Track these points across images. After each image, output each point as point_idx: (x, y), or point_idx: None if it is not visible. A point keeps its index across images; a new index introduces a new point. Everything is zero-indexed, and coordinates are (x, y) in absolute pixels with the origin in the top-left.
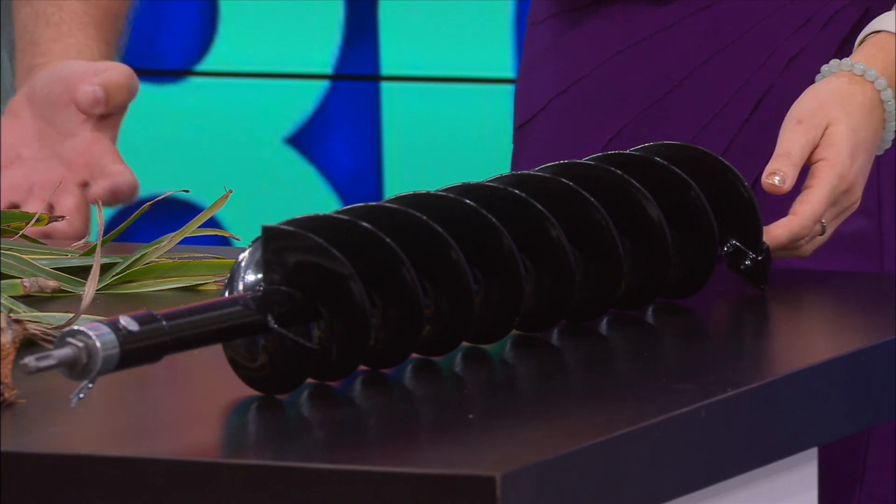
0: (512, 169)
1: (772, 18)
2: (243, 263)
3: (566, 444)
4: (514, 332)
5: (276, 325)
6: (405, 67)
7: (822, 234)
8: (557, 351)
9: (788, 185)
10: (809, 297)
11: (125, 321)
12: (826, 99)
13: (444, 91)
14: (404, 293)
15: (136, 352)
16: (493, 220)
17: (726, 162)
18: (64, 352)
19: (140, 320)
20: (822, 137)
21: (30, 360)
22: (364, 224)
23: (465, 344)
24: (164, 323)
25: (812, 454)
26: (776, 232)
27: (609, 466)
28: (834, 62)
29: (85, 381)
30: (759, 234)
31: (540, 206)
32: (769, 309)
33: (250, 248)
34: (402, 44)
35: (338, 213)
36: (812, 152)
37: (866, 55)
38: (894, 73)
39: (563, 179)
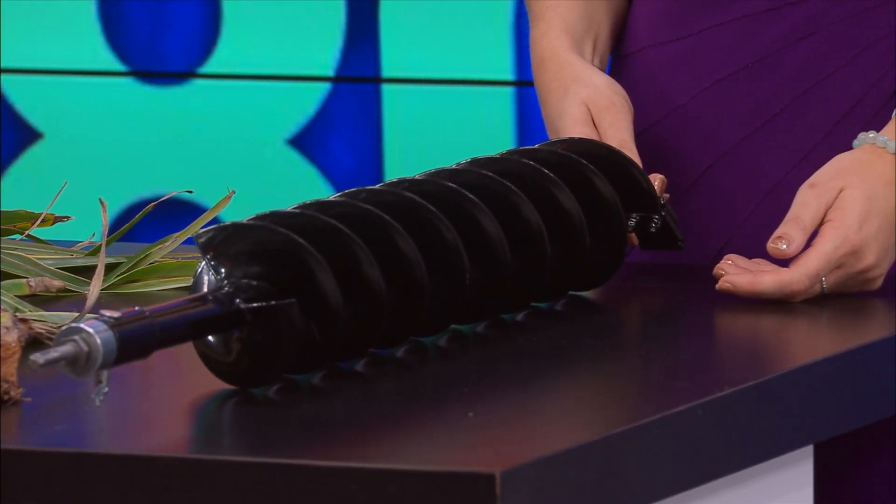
0: None
1: (875, 47)
2: (201, 271)
3: (565, 442)
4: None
5: (246, 305)
6: (406, 70)
7: (820, 293)
8: (557, 350)
9: (793, 249)
10: None
11: (113, 315)
12: (844, 166)
13: (445, 93)
14: (366, 284)
15: (129, 346)
16: (438, 213)
17: (618, 150)
18: (66, 348)
19: (129, 316)
20: (834, 201)
21: (37, 357)
22: (323, 217)
23: (461, 342)
24: (147, 313)
25: (808, 451)
26: (764, 281)
27: (607, 464)
28: (861, 135)
29: (102, 383)
30: (656, 200)
31: (477, 200)
32: (765, 307)
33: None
34: (402, 46)
35: (290, 210)
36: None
37: (892, 128)
38: None
39: (492, 174)
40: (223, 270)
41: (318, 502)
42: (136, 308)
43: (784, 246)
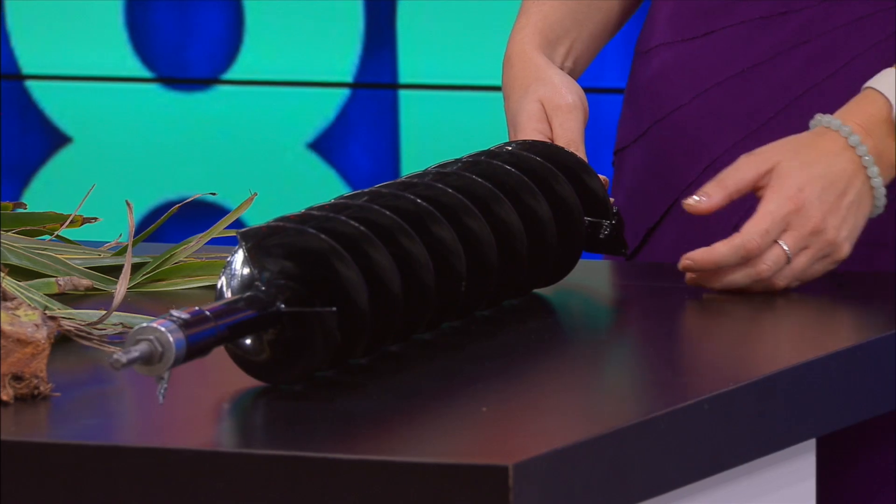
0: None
1: (869, 52)
2: (230, 262)
3: (576, 436)
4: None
5: (287, 308)
6: (422, 76)
7: (788, 263)
8: (567, 346)
9: (706, 205)
10: (809, 294)
11: (181, 316)
12: (786, 142)
13: (460, 99)
14: (387, 289)
15: (196, 345)
16: (441, 217)
17: (574, 154)
18: (142, 347)
19: (195, 315)
20: (772, 171)
21: (119, 356)
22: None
23: (474, 339)
24: (208, 314)
25: (810, 445)
26: (719, 248)
27: (617, 456)
28: (818, 116)
29: (163, 380)
30: (608, 205)
31: (469, 203)
32: (770, 305)
33: (229, 262)
34: (419, 53)
35: (325, 213)
36: (759, 187)
37: (845, 110)
38: (877, 127)
39: (475, 176)
40: (259, 267)
41: (336, 494)
42: (197, 308)
43: (696, 199)
